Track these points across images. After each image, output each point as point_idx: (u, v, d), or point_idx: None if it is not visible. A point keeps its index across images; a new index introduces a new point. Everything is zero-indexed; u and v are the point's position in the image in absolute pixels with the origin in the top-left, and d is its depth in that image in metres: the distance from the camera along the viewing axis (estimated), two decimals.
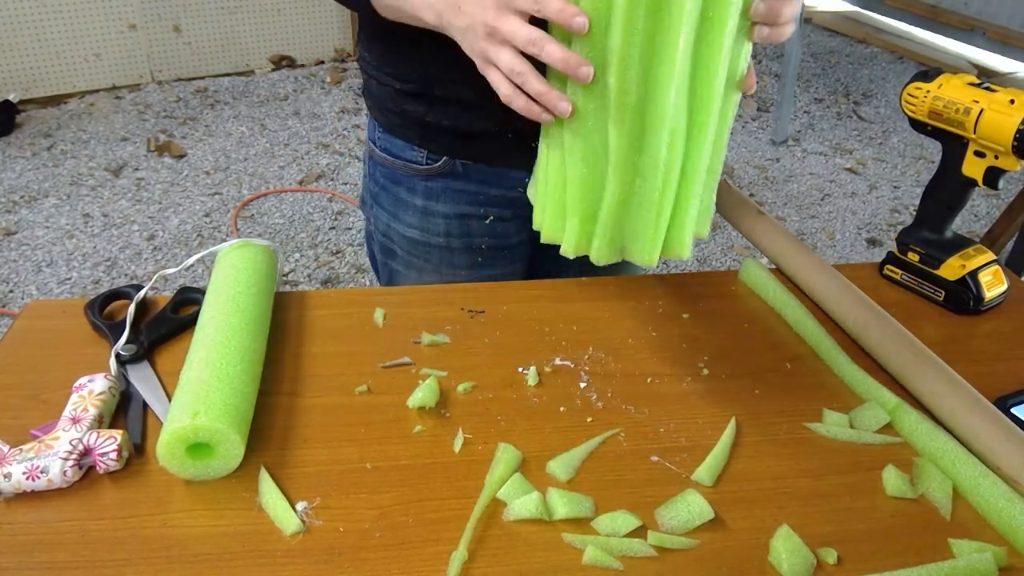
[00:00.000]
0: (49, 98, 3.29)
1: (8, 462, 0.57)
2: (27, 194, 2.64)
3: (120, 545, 0.54)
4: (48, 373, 0.69)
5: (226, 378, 0.61)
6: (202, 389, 0.59)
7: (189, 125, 3.19)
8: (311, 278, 2.32)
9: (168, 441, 0.56)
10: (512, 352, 0.74)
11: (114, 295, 0.78)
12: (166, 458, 0.57)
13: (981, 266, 0.83)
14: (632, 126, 0.56)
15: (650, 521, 0.58)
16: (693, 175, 0.59)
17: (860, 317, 0.77)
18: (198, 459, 0.57)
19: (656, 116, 0.55)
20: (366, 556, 0.54)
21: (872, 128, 3.51)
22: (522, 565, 0.54)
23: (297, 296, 0.82)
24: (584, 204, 0.61)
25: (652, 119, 0.56)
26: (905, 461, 0.64)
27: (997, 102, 0.76)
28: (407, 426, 0.66)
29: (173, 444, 0.56)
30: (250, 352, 0.66)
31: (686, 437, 0.66)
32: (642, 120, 0.56)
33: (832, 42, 4.57)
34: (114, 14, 3.31)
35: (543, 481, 0.61)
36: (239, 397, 0.61)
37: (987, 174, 0.80)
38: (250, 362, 0.65)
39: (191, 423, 0.56)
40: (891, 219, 2.82)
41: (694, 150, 0.58)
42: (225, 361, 0.63)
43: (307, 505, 0.57)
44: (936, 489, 0.61)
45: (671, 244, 0.63)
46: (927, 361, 0.70)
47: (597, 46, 0.54)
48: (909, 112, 0.84)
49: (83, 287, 2.22)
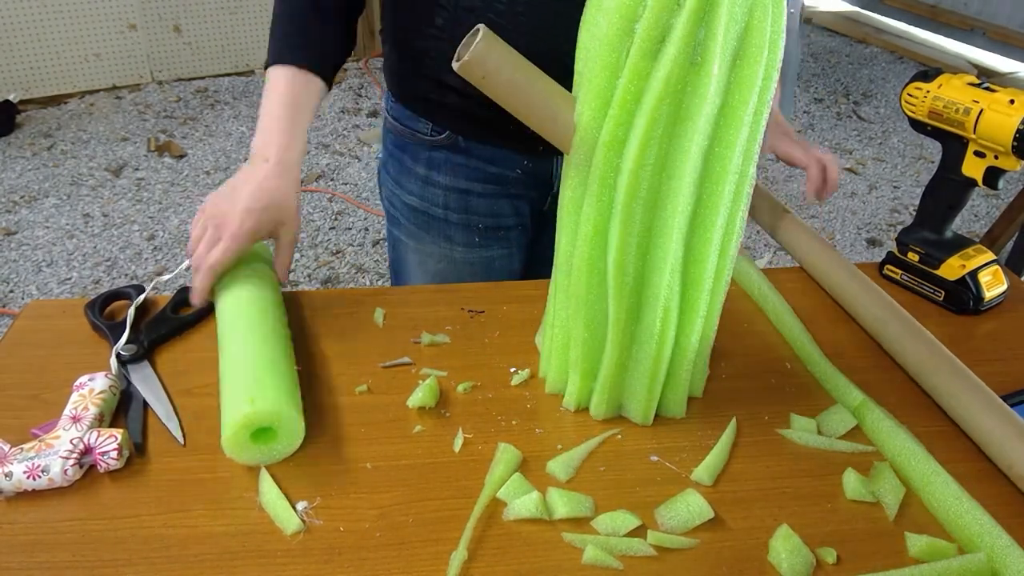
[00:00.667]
0: (49, 98, 3.29)
1: (9, 461, 0.57)
2: (27, 194, 2.64)
3: (120, 545, 0.54)
4: (48, 373, 0.69)
5: (268, 363, 0.63)
6: (250, 377, 0.61)
7: (189, 125, 3.19)
8: (311, 278, 2.32)
9: (233, 433, 0.58)
10: (512, 352, 0.74)
11: (114, 296, 0.78)
12: (234, 450, 0.58)
13: (981, 266, 0.83)
14: (630, 302, 0.61)
15: (650, 521, 0.58)
16: (686, 345, 0.64)
17: (879, 314, 0.77)
18: (263, 444, 0.59)
19: (651, 295, 0.61)
20: (366, 556, 0.54)
21: (872, 128, 3.51)
22: (522, 565, 0.54)
23: (297, 296, 0.82)
24: (585, 363, 0.66)
25: (648, 297, 0.61)
26: (867, 464, 0.64)
27: (997, 102, 0.76)
28: (407, 426, 0.66)
29: (238, 434, 0.58)
30: (280, 336, 0.68)
31: (686, 437, 0.66)
32: (639, 297, 0.61)
33: (832, 42, 4.57)
34: (114, 14, 3.31)
35: (543, 481, 0.61)
36: (285, 378, 0.63)
37: (987, 174, 0.80)
38: (284, 344, 0.67)
39: (252, 410, 0.58)
40: (891, 219, 2.82)
41: (687, 324, 0.63)
42: (262, 347, 0.65)
43: (307, 505, 0.57)
44: (888, 492, 0.61)
45: (666, 404, 0.67)
46: (943, 360, 0.70)
47: (599, 244, 0.60)
48: (909, 112, 0.84)
49: (83, 287, 2.22)
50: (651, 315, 0.61)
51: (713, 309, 0.64)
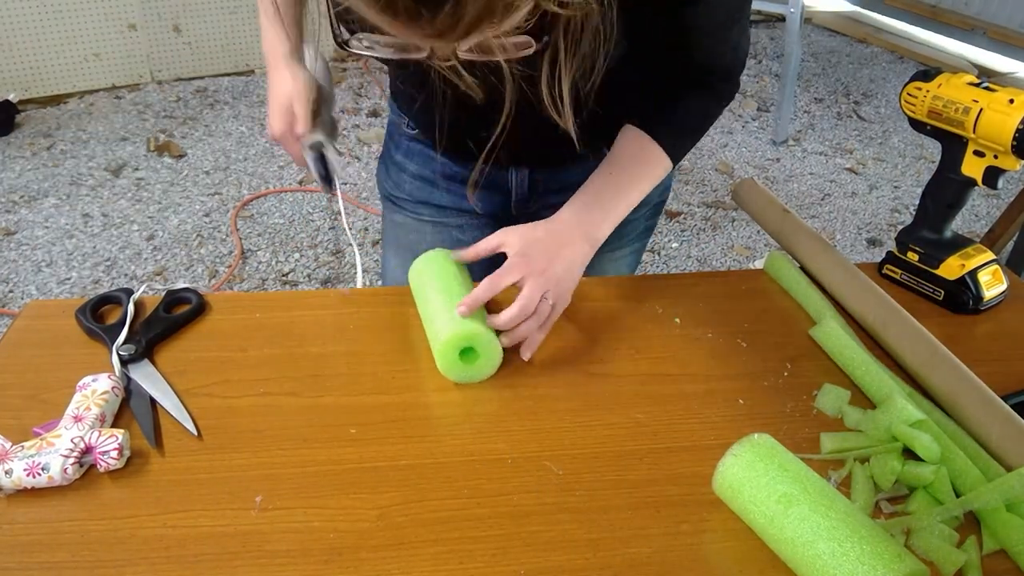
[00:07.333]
0: (49, 98, 3.29)
1: (9, 458, 0.57)
2: (27, 194, 2.64)
3: (120, 545, 0.54)
4: (48, 373, 0.69)
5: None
6: (451, 309, 0.70)
7: (189, 125, 3.18)
8: (311, 278, 2.32)
9: (443, 348, 0.68)
10: (512, 352, 0.74)
11: (103, 300, 0.78)
12: (444, 365, 0.69)
13: (980, 266, 0.83)
14: None
15: (654, 518, 0.58)
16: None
17: (880, 315, 0.77)
18: (468, 363, 0.70)
19: None
20: (366, 556, 0.54)
21: (872, 128, 3.51)
22: (522, 565, 0.54)
23: (297, 296, 0.82)
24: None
25: None
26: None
27: (997, 102, 0.76)
28: (407, 426, 0.66)
29: (447, 351, 0.68)
30: (468, 285, 0.76)
31: (686, 437, 0.66)
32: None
33: (832, 42, 4.57)
34: (114, 14, 3.30)
35: (543, 480, 0.61)
36: (481, 316, 0.72)
37: (986, 173, 0.80)
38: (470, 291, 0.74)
39: (462, 329, 0.68)
40: (891, 219, 2.82)
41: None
42: (457, 293, 0.72)
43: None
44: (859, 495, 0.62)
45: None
46: (943, 360, 0.71)
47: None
48: (909, 112, 0.84)
49: (83, 287, 2.22)
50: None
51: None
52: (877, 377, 0.71)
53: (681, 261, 2.50)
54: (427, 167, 0.96)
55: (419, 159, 0.96)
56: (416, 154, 0.96)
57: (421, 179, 0.97)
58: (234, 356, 0.73)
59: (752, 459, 0.57)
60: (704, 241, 2.60)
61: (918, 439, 0.62)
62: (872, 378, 0.71)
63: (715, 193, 2.88)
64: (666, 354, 0.76)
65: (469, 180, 0.92)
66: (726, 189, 2.90)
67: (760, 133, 3.40)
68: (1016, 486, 0.57)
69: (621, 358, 0.75)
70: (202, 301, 0.78)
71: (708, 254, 2.55)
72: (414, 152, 0.96)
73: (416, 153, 0.96)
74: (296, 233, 2.53)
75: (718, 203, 2.81)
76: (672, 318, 0.81)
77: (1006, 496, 0.57)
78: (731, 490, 0.58)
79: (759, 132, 3.41)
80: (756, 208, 0.95)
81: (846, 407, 0.69)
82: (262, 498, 0.58)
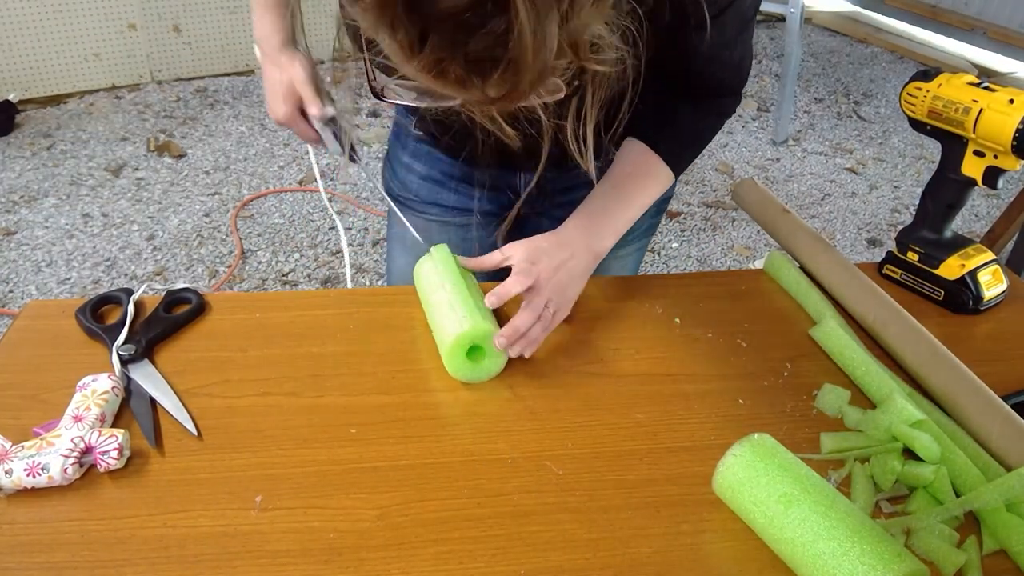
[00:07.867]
0: (49, 98, 3.28)
1: (9, 458, 0.57)
2: (27, 194, 2.64)
3: (120, 545, 0.54)
4: (48, 373, 0.69)
5: (470, 302, 0.72)
6: (459, 308, 0.71)
7: (189, 125, 3.18)
8: (311, 278, 2.32)
9: (452, 346, 0.68)
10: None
11: (103, 300, 0.78)
12: (451, 363, 0.69)
13: (980, 265, 0.83)
14: None
15: (654, 518, 0.58)
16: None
17: (880, 315, 0.77)
18: (474, 362, 0.70)
19: None
20: (365, 556, 0.54)
21: (872, 128, 3.51)
22: (522, 565, 0.54)
23: (297, 296, 0.82)
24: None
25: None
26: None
27: (996, 102, 0.76)
28: (407, 426, 0.66)
29: (456, 349, 0.68)
30: (478, 289, 0.77)
31: (686, 437, 0.66)
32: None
33: (832, 42, 4.57)
34: (114, 14, 3.30)
35: (542, 479, 0.61)
36: (490, 314, 0.73)
37: (986, 173, 0.80)
38: (476, 291, 0.76)
39: (471, 328, 0.68)
40: (891, 219, 2.82)
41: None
42: (473, 290, 0.74)
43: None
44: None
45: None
46: (943, 360, 0.71)
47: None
48: (909, 112, 0.84)
49: (83, 287, 2.22)
50: None
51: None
52: (877, 377, 0.71)
53: (681, 261, 2.50)
54: (435, 168, 0.96)
55: (426, 160, 0.96)
56: (423, 155, 0.96)
57: (429, 180, 0.97)
58: (234, 356, 0.73)
59: (752, 459, 0.57)
60: (704, 241, 2.60)
61: (918, 439, 0.62)
62: (872, 378, 0.71)
63: (715, 193, 2.88)
64: (666, 354, 0.76)
65: (502, 226, 0.94)
66: (726, 189, 2.90)
67: (760, 133, 3.40)
68: (1016, 486, 0.57)
69: (621, 358, 0.75)
70: (202, 301, 0.78)
71: (708, 254, 2.55)
72: (421, 153, 0.96)
73: (423, 154, 0.96)
74: (296, 233, 2.53)
75: (718, 203, 2.81)
76: (672, 318, 0.81)
77: (1006, 496, 0.57)
78: (731, 490, 0.58)
79: (759, 132, 3.41)
80: (756, 208, 0.95)
81: (846, 407, 0.69)
82: (262, 498, 0.58)
